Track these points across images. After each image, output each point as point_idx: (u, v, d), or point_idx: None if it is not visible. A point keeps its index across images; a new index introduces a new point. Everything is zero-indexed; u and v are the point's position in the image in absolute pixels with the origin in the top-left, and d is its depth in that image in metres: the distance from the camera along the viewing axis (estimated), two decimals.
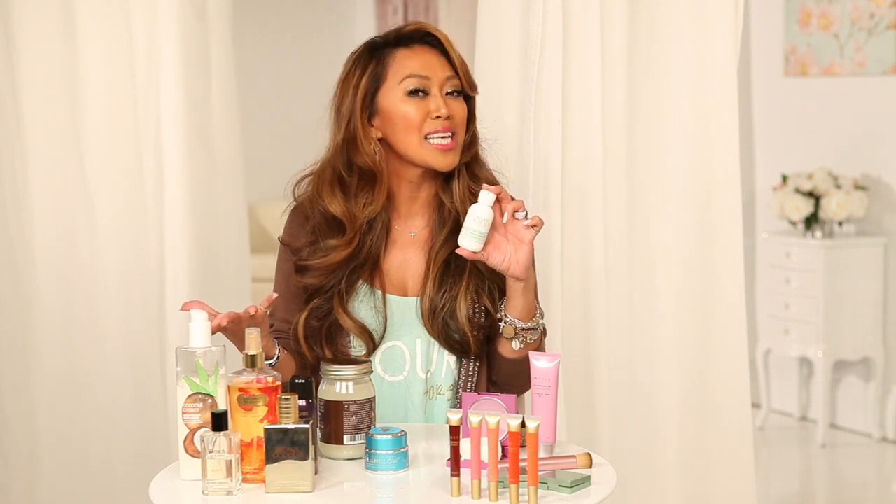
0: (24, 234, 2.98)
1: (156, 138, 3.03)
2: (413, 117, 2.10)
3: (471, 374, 2.13)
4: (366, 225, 2.13)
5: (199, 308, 1.88)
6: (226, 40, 3.19)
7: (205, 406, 1.83)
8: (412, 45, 2.13)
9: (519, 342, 2.07)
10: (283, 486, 1.77)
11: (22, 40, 2.94)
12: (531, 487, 1.71)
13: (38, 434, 3.01)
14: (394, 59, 2.12)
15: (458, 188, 2.15)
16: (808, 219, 4.90)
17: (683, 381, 2.82)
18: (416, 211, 2.18)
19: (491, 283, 2.12)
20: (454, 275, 2.12)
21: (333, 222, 2.13)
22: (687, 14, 2.75)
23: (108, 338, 3.05)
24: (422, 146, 2.10)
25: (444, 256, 2.13)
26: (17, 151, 2.97)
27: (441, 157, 2.10)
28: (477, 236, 1.98)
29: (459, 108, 2.12)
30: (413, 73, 2.11)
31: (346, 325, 2.11)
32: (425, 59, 2.12)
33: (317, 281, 2.12)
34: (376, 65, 2.13)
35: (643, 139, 2.77)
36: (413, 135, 2.10)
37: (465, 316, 2.10)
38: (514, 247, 2.01)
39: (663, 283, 2.81)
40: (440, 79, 2.11)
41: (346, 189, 2.14)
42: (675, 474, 2.83)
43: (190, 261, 3.04)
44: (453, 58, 2.12)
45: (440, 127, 2.10)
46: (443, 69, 2.12)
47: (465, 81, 2.13)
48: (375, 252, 2.14)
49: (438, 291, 2.11)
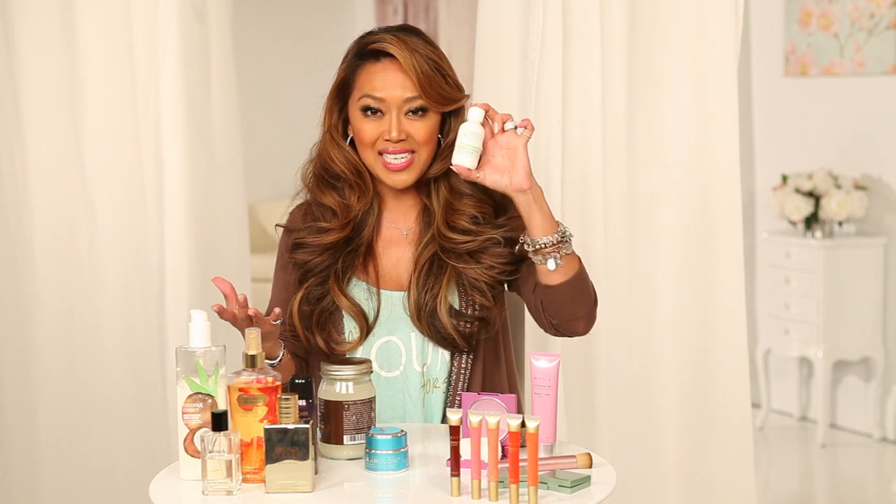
0: (24, 233, 2.98)
1: (156, 138, 3.02)
2: (366, 136, 2.10)
3: (464, 366, 2.14)
4: (360, 216, 2.16)
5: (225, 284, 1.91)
6: (226, 40, 3.18)
7: (205, 406, 1.83)
8: (381, 58, 2.10)
9: (553, 261, 2.02)
10: (283, 486, 1.77)
11: (22, 40, 2.94)
12: (531, 487, 1.71)
13: (38, 434, 3.01)
14: (360, 72, 2.12)
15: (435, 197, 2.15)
16: (808, 219, 4.90)
17: (683, 381, 2.82)
18: (405, 210, 2.20)
19: (472, 277, 2.11)
20: (435, 275, 2.13)
21: (329, 209, 2.17)
22: (687, 14, 2.75)
23: (108, 338, 3.05)
24: (376, 162, 2.12)
25: (426, 257, 2.14)
26: (17, 151, 2.96)
27: (391, 175, 2.11)
28: (469, 150, 1.98)
29: (420, 128, 2.09)
30: (368, 94, 2.09)
31: (342, 304, 2.13)
32: (387, 78, 2.08)
33: (310, 257, 2.15)
34: (348, 72, 2.14)
35: (643, 139, 2.77)
36: (368, 150, 2.12)
37: (447, 314, 2.10)
38: (510, 158, 2.01)
39: (663, 283, 2.81)
40: (398, 100, 2.08)
41: (335, 185, 2.17)
42: (675, 474, 2.83)
43: (190, 261, 3.04)
44: (414, 79, 2.07)
45: (391, 148, 2.09)
46: (404, 88, 2.08)
47: (432, 98, 2.08)
48: (369, 241, 2.17)
49: (421, 291, 2.12)
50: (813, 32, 5.15)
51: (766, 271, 5.19)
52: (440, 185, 2.16)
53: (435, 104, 2.09)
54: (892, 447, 4.88)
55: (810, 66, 5.18)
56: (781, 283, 5.03)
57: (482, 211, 2.13)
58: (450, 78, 2.12)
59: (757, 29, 5.36)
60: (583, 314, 2.09)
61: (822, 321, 4.86)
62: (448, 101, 2.11)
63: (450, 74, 2.12)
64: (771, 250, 5.13)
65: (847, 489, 4.60)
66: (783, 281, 5.02)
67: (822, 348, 4.86)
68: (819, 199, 4.85)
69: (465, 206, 2.13)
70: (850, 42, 4.99)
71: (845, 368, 5.07)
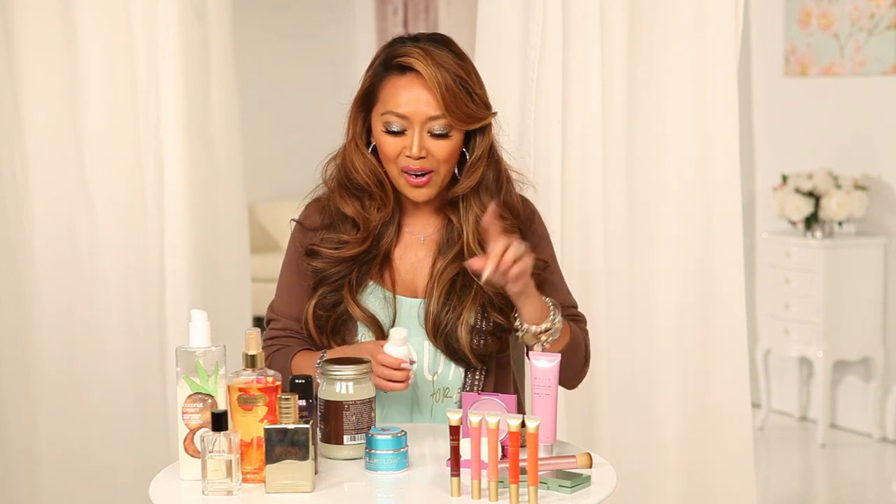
0: (24, 234, 2.98)
1: (156, 138, 3.02)
2: (389, 152, 2.09)
3: (477, 378, 2.13)
4: (379, 227, 2.15)
5: None
6: (226, 40, 3.18)
7: (205, 406, 1.83)
8: (407, 72, 2.07)
9: (540, 346, 2.05)
10: (283, 486, 1.77)
11: (22, 40, 2.94)
12: (531, 487, 1.71)
13: (38, 434, 3.01)
14: (386, 84, 2.09)
15: (463, 212, 2.14)
16: (808, 219, 4.90)
17: (683, 380, 2.82)
18: (424, 217, 2.19)
19: (500, 300, 2.10)
20: (459, 294, 2.11)
21: (349, 219, 2.15)
22: (687, 14, 2.75)
23: (108, 338, 3.05)
24: (399, 177, 2.11)
25: (450, 275, 2.12)
26: (17, 151, 2.96)
27: (413, 191, 2.11)
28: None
29: (441, 147, 2.07)
30: (391, 110, 2.07)
31: (356, 314, 2.12)
32: (412, 96, 2.06)
33: (325, 267, 2.13)
34: (374, 81, 2.11)
35: (643, 139, 2.77)
36: (391, 164, 2.11)
37: (467, 335, 2.09)
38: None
39: (663, 283, 2.81)
40: (422, 116, 2.06)
41: (356, 194, 2.15)
42: (675, 474, 2.83)
43: (190, 261, 3.04)
44: (438, 97, 2.04)
45: (412, 166, 2.08)
46: (428, 107, 2.05)
47: (456, 117, 2.06)
48: (386, 250, 2.16)
49: (442, 309, 2.11)
50: (813, 32, 5.15)
51: (766, 271, 5.19)
52: (470, 203, 2.13)
53: (458, 122, 2.07)
54: (892, 447, 4.88)
55: (810, 66, 5.18)
56: (781, 283, 5.03)
57: (509, 233, 2.12)
58: (476, 95, 2.08)
59: (757, 29, 5.36)
60: (569, 377, 2.15)
61: (822, 321, 4.86)
62: (472, 119, 2.08)
63: (476, 91, 2.09)
64: (771, 250, 5.13)
65: (847, 489, 4.60)
66: (783, 281, 5.02)
67: (822, 348, 4.86)
68: (819, 199, 4.85)
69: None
70: (850, 42, 4.99)
71: (845, 368, 5.07)
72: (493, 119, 2.13)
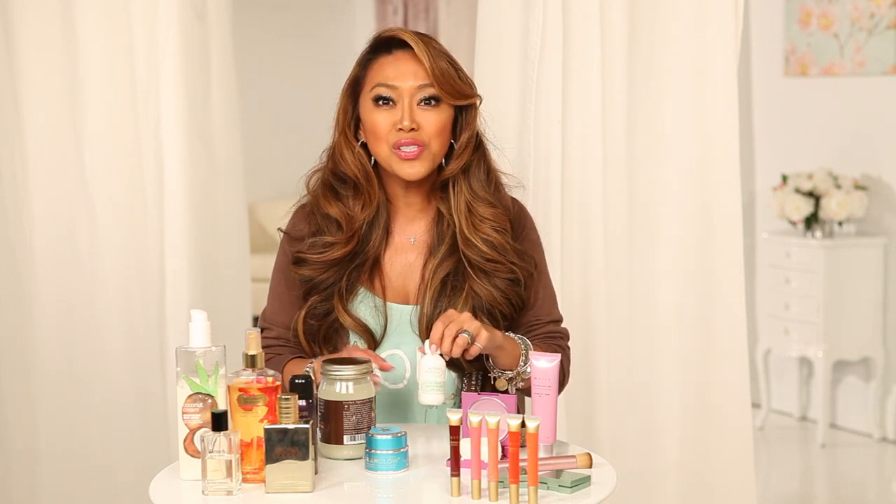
0: (24, 234, 2.98)
1: (156, 138, 3.02)
2: (379, 127, 2.08)
3: (474, 382, 2.13)
4: (366, 226, 2.13)
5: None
6: (226, 40, 3.18)
7: (205, 406, 1.83)
8: (394, 50, 2.10)
9: (513, 387, 2.07)
10: (283, 486, 1.77)
11: (22, 40, 2.94)
12: (531, 487, 1.71)
13: (38, 434, 3.01)
14: (373, 65, 2.11)
15: (454, 199, 2.13)
16: (808, 219, 4.90)
17: (683, 381, 2.82)
18: (413, 216, 2.17)
19: (490, 304, 2.10)
20: (450, 297, 2.11)
21: (333, 221, 2.14)
22: (687, 14, 2.75)
23: (108, 338, 3.05)
24: (390, 156, 2.09)
25: (442, 274, 2.11)
26: (17, 151, 2.96)
27: (405, 166, 2.08)
28: (435, 387, 1.94)
29: (431, 118, 2.07)
30: (381, 82, 2.08)
31: (347, 323, 2.11)
32: (401, 67, 2.08)
33: (314, 274, 2.12)
34: (360, 70, 2.13)
35: (643, 139, 2.77)
36: (381, 144, 2.09)
37: None
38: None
39: (663, 283, 2.81)
40: (411, 88, 2.07)
41: (340, 194, 2.14)
42: (675, 474, 2.83)
43: (190, 261, 3.04)
44: (427, 67, 2.06)
45: (404, 139, 2.06)
46: (416, 77, 2.07)
47: (444, 89, 2.07)
48: (375, 253, 2.14)
49: (434, 311, 2.10)
50: (813, 32, 5.15)
51: (766, 271, 5.19)
52: (460, 187, 2.13)
53: (447, 95, 2.07)
54: (892, 447, 4.88)
55: (810, 66, 5.18)
56: (781, 283, 5.03)
57: (501, 222, 2.12)
58: (462, 74, 2.11)
59: (757, 29, 5.36)
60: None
61: (822, 321, 4.86)
62: (460, 94, 2.09)
63: (462, 73, 2.12)
64: (771, 250, 5.14)
65: (847, 489, 4.60)
66: (783, 281, 5.02)
67: (822, 348, 4.86)
68: (819, 199, 4.85)
69: (486, 213, 2.11)
70: (850, 42, 4.99)
71: (845, 368, 5.07)
72: (479, 115, 2.14)
